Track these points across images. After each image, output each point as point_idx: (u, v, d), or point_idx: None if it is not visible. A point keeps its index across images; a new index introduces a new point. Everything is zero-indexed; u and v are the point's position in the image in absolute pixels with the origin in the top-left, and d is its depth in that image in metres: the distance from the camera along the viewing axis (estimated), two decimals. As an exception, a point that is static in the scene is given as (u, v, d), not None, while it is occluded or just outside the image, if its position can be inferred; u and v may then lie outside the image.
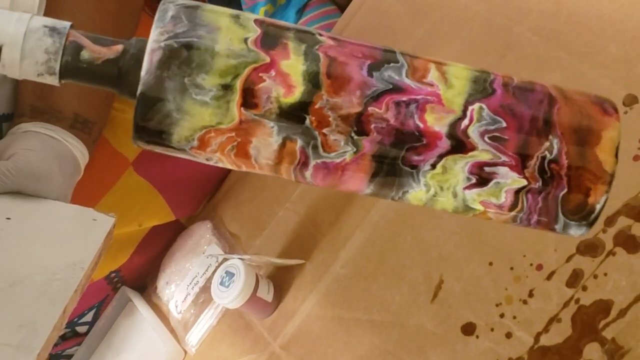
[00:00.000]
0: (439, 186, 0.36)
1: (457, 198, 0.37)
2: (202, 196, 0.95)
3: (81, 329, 0.93)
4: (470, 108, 0.35)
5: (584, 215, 0.37)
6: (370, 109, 0.35)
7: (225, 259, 0.75)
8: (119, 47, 0.35)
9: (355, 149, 0.35)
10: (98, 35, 0.36)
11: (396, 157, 0.35)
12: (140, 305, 0.87)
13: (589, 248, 0.54)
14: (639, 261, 0.51)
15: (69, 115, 0.64)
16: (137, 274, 0.93)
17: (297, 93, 0.34)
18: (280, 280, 0.74)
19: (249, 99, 0.34)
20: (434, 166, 0.36)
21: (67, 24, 0.36)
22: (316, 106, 0.34)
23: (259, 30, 0.35)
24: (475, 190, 0.36)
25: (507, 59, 0.64)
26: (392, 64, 0.35)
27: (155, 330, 0.83)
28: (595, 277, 0.53)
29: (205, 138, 0.35)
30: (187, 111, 0.34)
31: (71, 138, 0.62)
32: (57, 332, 0.41)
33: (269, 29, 0.35)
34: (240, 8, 0.98)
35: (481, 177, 0.36)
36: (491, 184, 0.36)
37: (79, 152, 0.63)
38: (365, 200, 0.70)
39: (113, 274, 0.90)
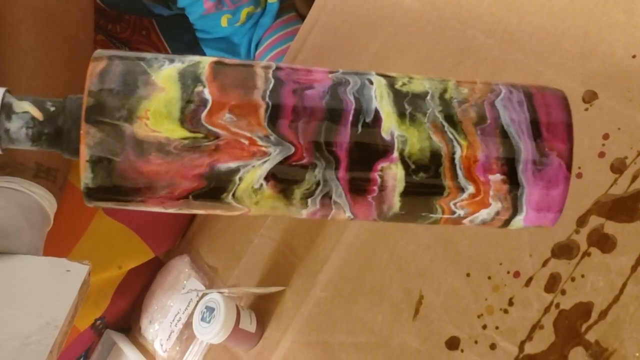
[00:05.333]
0: None
1: None
2: (179, 228, 0.93)
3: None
4: None
5: None
6: None
7: (204, 294, 0.73)
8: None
9: None
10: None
11: None
12: (126, 347, 0.85)
13: (563, 250, 0.53)
14: (614, 260, 0.50)
15: (31, 166, 0.62)
16: (121, 316, 0.91)
17: None
18: (262, 309, 0.73)
19: None
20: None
21: None
22: None
23: None
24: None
25: (464, 64, 0.63)
26: None
27: (143, 372, 0.82)
28: (573, 279, 0.52)
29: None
30: None
31: (36, 188, 0.61)
32: None
33: None
34: (201, 49, 0.98)
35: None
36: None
37: (46, 201, 0.61)
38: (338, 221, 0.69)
39: (98, 321, 0.88)
